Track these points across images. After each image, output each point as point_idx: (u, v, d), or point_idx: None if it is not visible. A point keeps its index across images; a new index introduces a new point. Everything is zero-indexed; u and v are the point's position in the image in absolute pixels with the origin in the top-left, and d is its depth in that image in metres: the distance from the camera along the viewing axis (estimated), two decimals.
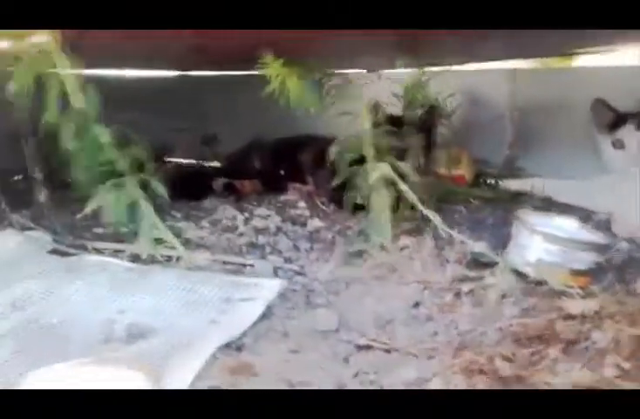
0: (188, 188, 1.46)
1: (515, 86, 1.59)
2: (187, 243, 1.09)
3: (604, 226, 1.09)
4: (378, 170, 0.95)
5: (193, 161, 1.86)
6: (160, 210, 1.07)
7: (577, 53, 1.55)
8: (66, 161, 0.96)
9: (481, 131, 1.61)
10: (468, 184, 1.51)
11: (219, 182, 1.53)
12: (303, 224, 1.27)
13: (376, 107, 1.14)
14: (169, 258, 1.02)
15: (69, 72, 0.85)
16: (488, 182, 1.54)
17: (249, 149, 1.65)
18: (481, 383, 0.62)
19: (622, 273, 0.89)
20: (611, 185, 1.22)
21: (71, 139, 0.87)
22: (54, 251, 1.03)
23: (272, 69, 0.88)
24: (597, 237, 0.90)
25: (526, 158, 1.57)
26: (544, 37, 1.27)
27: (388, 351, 0.73)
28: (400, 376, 0.65)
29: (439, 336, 0.76)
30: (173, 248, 1.02)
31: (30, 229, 1.12)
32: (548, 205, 1.29)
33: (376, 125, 1.03)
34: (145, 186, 0.99)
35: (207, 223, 1.28)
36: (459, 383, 0.62)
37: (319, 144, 1.35)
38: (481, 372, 0.64)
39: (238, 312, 0.82)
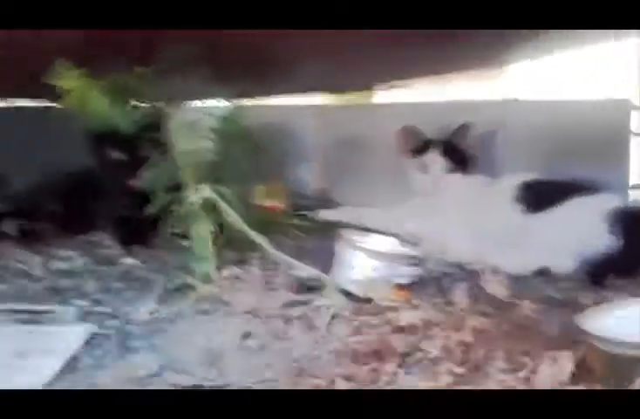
0: None
1: (323, 121, 1.66)
2: None
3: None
4: (200, 193, 0.88)
5: None
6: None
7: (376, 89, 1.67)
8: None
9: (296, 164, 1.64)
10: (285, 216, 1.51)
11: (11, 225, 1.32)
12: (115, 263, 1.14)
13: None
14: None
15: None
16: (303, 213, 1.56)
17: (44, 189, 1.46)
18: None
19: (439, 286, 0.93)
20: (418, 209, 1.30)
21: None
22: None
23: (67, 80, 0.76)
24: (415, 251, 0.94)
25: (337, 189, 1.63)
26: (347, 73, 1.36)
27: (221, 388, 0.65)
28: None
29: (275, 365, 0.70)
30: None
31: None
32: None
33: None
34: None
35: None
36: None
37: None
38: None
39: (34, 366, 0.68)
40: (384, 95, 1.74)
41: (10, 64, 0.93)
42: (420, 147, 1.32)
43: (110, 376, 0.68)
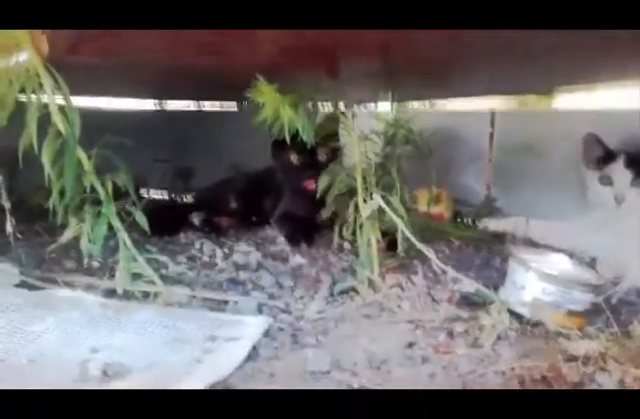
0: (162, 222, 1.42)
1: (494, 127, 1.62)
2: (163, 278, 1.03)
3: (589, 267, 1.08)
4: (372, 203, 0.92)
5: (165, 195, 1.81)
6: (136, 244, 1.02)
7: (556, 91, 1.59)
8: (39, 189, 0.91)
9: (461, 170, 1.62)
10: (447, 223, 1.50)
11: (197, 217, 1.48)
12: (285, 260, 1.23)
13: None
14: (146, 294, 0.96)
15: (52, 92, 0.80)
16: (466, 221, 1.54)
17: (224, 186, 1.61)
18: None
19: (617, 315, 0.88)
20: (596, 224, 1.22)
21: (51, 164, 0.82)
22: (21, 285, 0.96)
23: (265, 95, 0.85)
24: (592, 277, 0.89)
25: (504, 198, 1.58)
26: (524, 74, 1.30)
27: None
28: None
29: (438, 378, 0.72)
30: (150, 283, 0.97)
31: None
32: (530, 246, 1.29)
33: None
34: (121, 217, 0.95)
35: (184, 258, 1.23)
36: None
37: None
38: None
39: (224, 351, 0.77)
40: (563, 101, 1.65)
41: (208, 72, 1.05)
42: (604, 157, 1.23)
43: (284, 368, 0.75)
